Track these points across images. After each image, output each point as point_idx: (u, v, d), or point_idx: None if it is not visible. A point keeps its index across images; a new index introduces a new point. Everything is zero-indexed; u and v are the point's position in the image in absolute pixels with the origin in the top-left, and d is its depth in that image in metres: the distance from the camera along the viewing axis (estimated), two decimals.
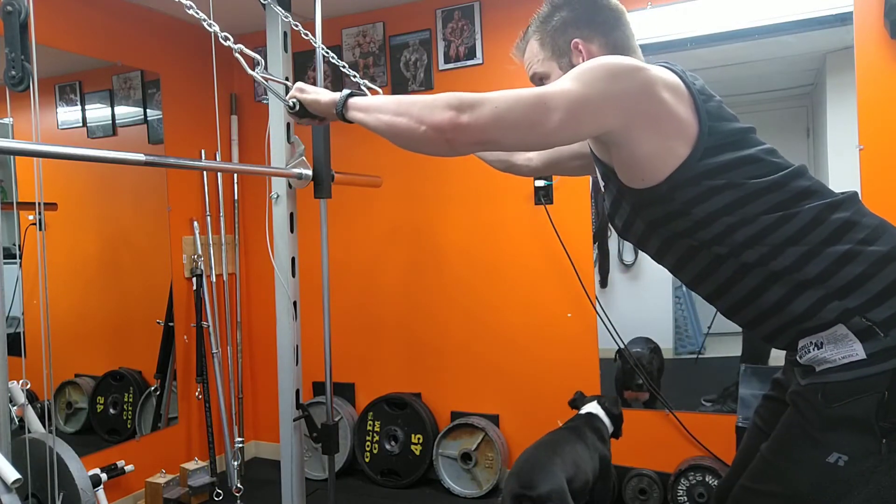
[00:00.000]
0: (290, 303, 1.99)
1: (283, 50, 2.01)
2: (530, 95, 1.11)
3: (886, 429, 1.07)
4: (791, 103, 3.60)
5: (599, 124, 1.13)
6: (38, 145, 1.30)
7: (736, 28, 2.65)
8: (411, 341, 3.33)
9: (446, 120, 1.11)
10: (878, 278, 1.09)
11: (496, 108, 1.10)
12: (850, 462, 1.09)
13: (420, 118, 1.14)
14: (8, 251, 2.57)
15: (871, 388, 1.07)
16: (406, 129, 1.17)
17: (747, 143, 1.18)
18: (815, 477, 1.12)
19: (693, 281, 1.27)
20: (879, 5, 2.37)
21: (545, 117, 1.09)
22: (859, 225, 1.14)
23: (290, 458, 1.99)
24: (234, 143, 3.59)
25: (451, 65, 3.15)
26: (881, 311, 1.08)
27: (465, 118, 1.10)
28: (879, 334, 1.07)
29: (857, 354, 1.08)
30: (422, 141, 1.16)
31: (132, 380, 3.22)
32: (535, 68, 1.38)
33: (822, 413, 1.11)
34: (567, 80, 1.12)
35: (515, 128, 1.11)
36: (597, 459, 2.11)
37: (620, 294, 3.50)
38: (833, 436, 1.10)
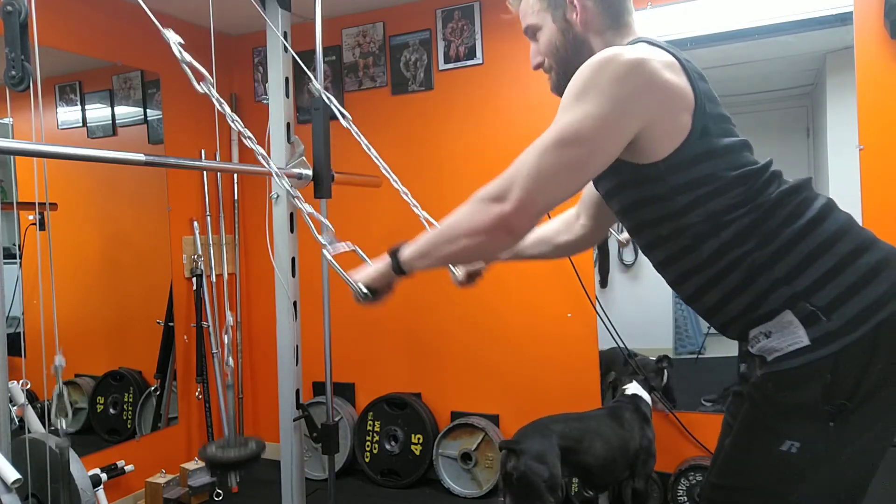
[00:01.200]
0: (290, 303, 1.99)
1: (283, 50, 2.01)
2: (549, 143, 1.09)
3: (833, 412, 1.07)
4: (791, 103, 3.60)
5: (626, 133, 1.11)
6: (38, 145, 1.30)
7: (736, 28, 2.65)
8: (411, 341, 3.33)
9: (495, 216, 1.11)
10: (821, 262, 1.10)
11: (527, 175, 1.09)
12: (802, 448, 1.09)
13: (472, 232, 1.14)
14: (8, 251, 2.57)
15: (817, 374, 1.07)
16: (470, 250, 1.17)
17: (730, 132, 1.18)
18: (771, 467, 1.13)
19: (660, 265, 1.28)
20: (879, 5, 2.37)
21: (576, 153, 1.09)
22: (809, 208, 1.14)
23: (290, 458, 1.99)
24: (234, 143, 3.59)
25: (451, 65, 3.15)
26: (824, 295, 1.08)
27: (508, 205, 1.10)
28: (822, 319, 1.07)
29: (802, 341, 1.08)
30: (490, 248, 1.17)
31: (132, 380, 3.22)
32: (529, 20, 1.33)
33: (773, 403, 1.12)
34: (573, 104, 1.10)
35: (555, 179, 1.10)
36: (637, 440, 2.26)
37: (620, 294, 3.50)
38: (785, 424, 1.11)
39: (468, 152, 3.14)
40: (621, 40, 1.24)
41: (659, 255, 1.26)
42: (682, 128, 1.13)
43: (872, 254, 1.11)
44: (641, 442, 2.29)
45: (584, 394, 2.89)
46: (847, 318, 1.07)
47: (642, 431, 2.31)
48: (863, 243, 1.13)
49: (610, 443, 2.25)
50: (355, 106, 3.37)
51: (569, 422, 2.27)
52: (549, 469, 2.10)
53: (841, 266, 1.09)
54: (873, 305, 1.07)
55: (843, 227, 1.14)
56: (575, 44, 1.27)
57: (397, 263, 1.29)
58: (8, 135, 2.68)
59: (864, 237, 1.14)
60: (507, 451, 2.17)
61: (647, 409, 2.32)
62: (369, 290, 1.35)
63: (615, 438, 2.26)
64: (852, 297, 1.07)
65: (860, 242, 1.13)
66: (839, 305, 1.07)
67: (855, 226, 1.16)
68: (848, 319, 1.07)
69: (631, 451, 2.28)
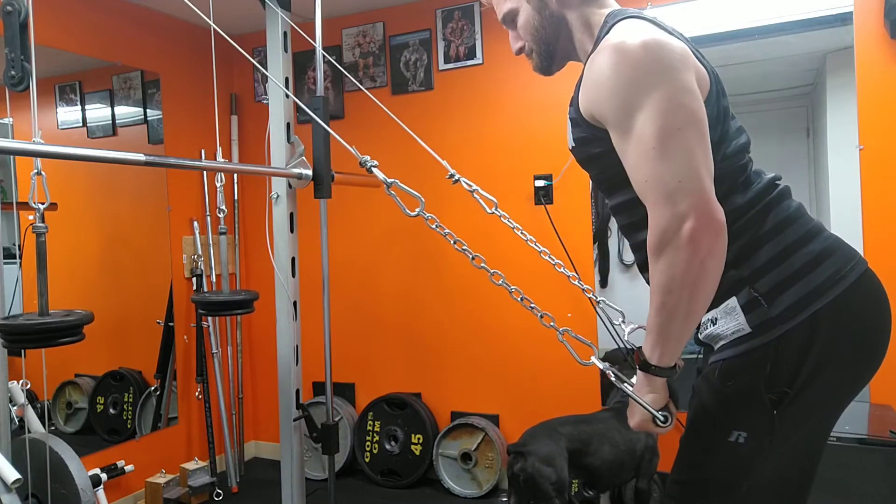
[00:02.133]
0: (290, 303, 1.99)
1: (283, 50, 2.01)
2: (655, 141, 1.01)
3: (775, 400, 1.08)
4: (791, 103, 3.61)
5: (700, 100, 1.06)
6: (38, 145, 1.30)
7: (736, 28, 2.65)
8: (411, 341, 3.33)
9: (686, 238, 0.98)
10: (766, 248, 1.10)
11: (681, 182, 0.99)
12: (749, 437, 1.10)
13: (686, 266, 0.99)
14: (8, 251, 2.56)
15: (758, 362, 1.08)
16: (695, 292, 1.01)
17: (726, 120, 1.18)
18: (720, 458, 1.13)
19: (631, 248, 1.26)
20: (879, 5, 2.37)
21: (685, 137, 1.01)
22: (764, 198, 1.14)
23: (290, 458, 1.99)
24: (234, 143, 3.59)
25: (451, 65, 3.15)
26: (767, 282, 1.09)
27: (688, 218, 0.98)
28: (763, 305, 1.08)
29: (744, 328, 1.09)
30: (709, 268, 1.00)
31: (132, 380, 3.22)
32: (504, 7, 1.32)
33: (719, 393, 1.12)
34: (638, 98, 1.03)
35: (691, 163, 1.00)
36: (643, 440, 2.26)
37: (620, 294, 3.50)
38: (731, 415, 1.11)
39: (468, 152, 3.14)
40: (597, 11, 1.23)
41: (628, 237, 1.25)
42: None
43: (817, 243, 1.12)
44: (647, 441, 2.29)
45: (584, 393, 2.89)
46: (786, 305, 1.07)
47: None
48: (809, 232, 1.13)
49: (617, 446, 2.24)
50: (355, 106, 3.38)
51: (577, 424, 2.26)
52: (557, 472, 2.10)
53: (785, 254, 1.10)
54: (812, 293, 1.07)
55: (791, 215, 1.14)
56: (552, 21, 1.27)
57: (657, 369, 1.10)
58: (8, 135, 2.68)
59: (812, 226, 1.15)
60: (515, 453, 2.17)
61: None
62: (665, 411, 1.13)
63: (622, 441, 2.25)
64: (793, 284, 1.08)
65: (807, 231, 1.13)
66: (780, 292, 1.08)
67: (804, 215, 1.16)
68: (787, 306, 1.07)
69: (637, 451, 2.28)
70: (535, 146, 2.98)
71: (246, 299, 2.08)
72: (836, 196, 3.00)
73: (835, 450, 1.96)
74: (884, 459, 1.92)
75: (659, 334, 1.06)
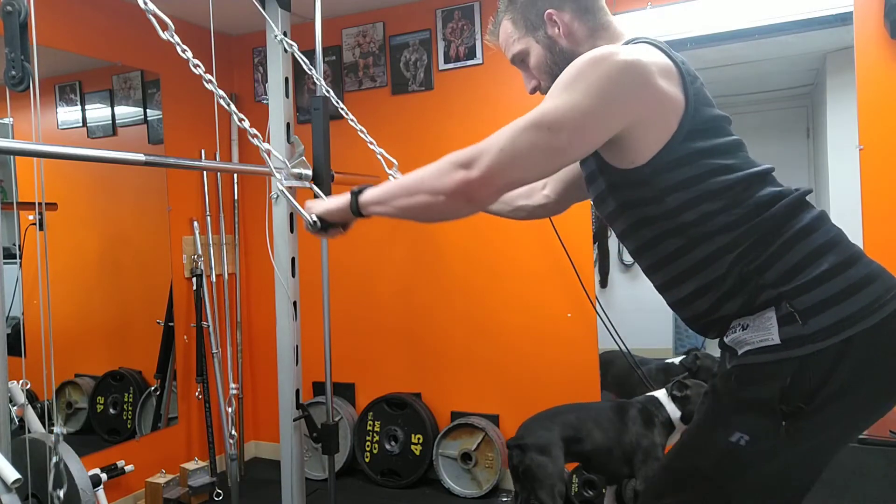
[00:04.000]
0: (290, 303, 1.99)
1: (283, 50, 2.01)
2: (529, 123, 1.09)
3: (787, 413, 1.08)
4: (791, 103, 3.61)
5: (608, 130, 1.12)
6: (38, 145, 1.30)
7: (736, 28, 2.65)
8: (411, 341, 3.33)
9: (459, 181, 1.11)
10: (808, 269, 1.11)
11: (501, 149, 1.09)
12: (751, 442, 1.11)
13: (434, 190, 1.14)
14: (8, 251, 2.57)
15: (779, 373, 1.09)
16: (427, 206, 1.17)
17: (723, 132, 1.19)
18: (716, 454, 1.15)
19: (649, 268, 1.28)
20: (879, 5, 2.37)
21: (552, 139, 1.08)
22: (800, 218, 1.15)
23: (290, 458, 1.99)
24: (234, 143, 3.59)
25: (451, 65, 3.15)
26: (806, 300, 1.09)
27: (475, 172, 1.10)
28: (798, 321, 1.09)
29: (773, 339, 1.10)
30: (445, 211, 1.16)
31: (132, 380, 3.22)
32: (513, 49, 1.35)
33: (733, 395, 1.14)
34: (561, 92, 1.10)
35: (528, 161, 1.10)
36: (632, 435, 2.31)
37: (620, 294, 3.51)
38: (739, 417, 1.13)
39: None
40: (609, 41, 1.26)
41: (650, 258, 1.26)
42: (664, 132, 1.13)
43: (860, 268, 1.12)
44: (640, 440, 2.30)
45: (584, 393, 2.89)
46: (821, 326, 1.08)
47: (643, 430, 2.31)
48: (851, 257, 1.14)
49: (607, 433, 2.33)
50: (355, 106, 3.37)
51: (569, 412, 2.38)
52: (553, 461, 2.23)
53: (827, 275, 1.10)
54: (849, 319, 1.08)
55: (833, 238, 1.15)
56: (563, 57, 1.28)
57: (356, 203, 1.30)
58: (8, 135, 2.68)
59: (854, 251, 1.15)
60: (513, 447, 2.29)
61: (658, 414, 2.33)
62: (321, 221, 1.38)
63: (613, 430, 2.34)
64: (831, 307, 1.09)
65: (849, 256, 1.14)
66: (817, 313, 1.09)
67: (845, 239, 1.17)
68: (822, 327, 1.08)
69: (628, 443, 2.32)
70: None
71: None
72: (836, 196, 3.00)
73: None
74: (884, 459, 1.92)
75: (385, 193, 1.25)
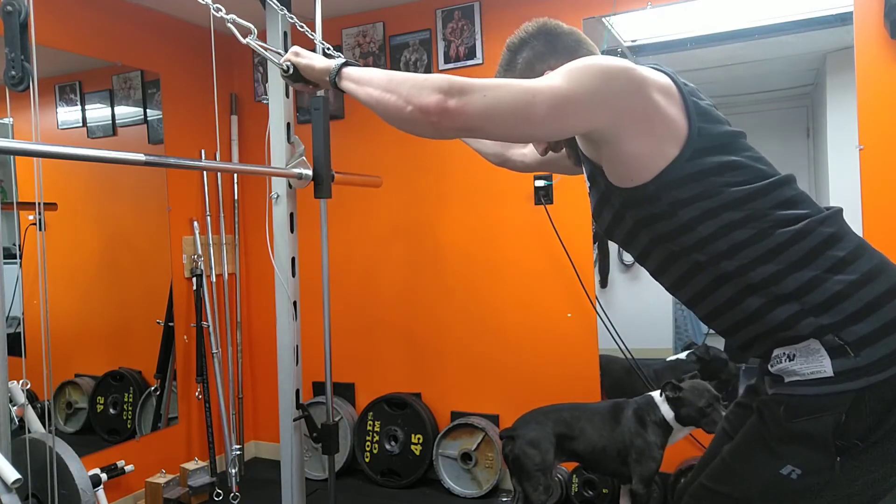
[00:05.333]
0: (290, 303, 1.99)
1: (284, 50, 2.01)
2: (519, 87, 1.09)
3: (842, 448, 1.06)
4: (791, 103, 3.60)
5: (586, 122, 1.12)
6: (38, 145, 1.30)
7: (736, 28, 2.65)
8: (411, 341, 3.33)
9: (433, 103, 1.09)
10: (854, 298, 1.08)
11: (485, 96, 1.08)
12: (803, 476, 1.09)
13: (408, 98, 1.12)
14: (8, 251, 2.57)
15: (833, 407, 1.06)
16: (393, 107, 1.15)
17: (736, 148, 1.17)
18: (766, 485, 1.13)
19: (673, 286, 1.26)
20: (879, 5, 2.37)
21: (531, 111, 1.08)
22: (841, 243, 1.12)
23: (290, 458, 1.99)
24: (234, 143, 3.59)
25: (451, 65, 3.15)
26: (854, 331, 1.06)
27: (452, 103, 1.08)
28: (850, 354, 1.05)
29: (826, 371, 1.07)
30: (408, 121, 1.14)
31: (132, 380, 3.22)
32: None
33: (782, 425, 1.11)
34: (558, 75, 1.11)
35: (501, 118, 1.09)
36: (625, 434, 2.34)
37: (620, 294, 3.50)
38: (790, 449, 1.10)
39: (468, 152, 3.14)
40: None
41: (672, 274, 1.24)
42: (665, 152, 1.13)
43: None
44: (633, 439, 2.31)
45: (584, 394, 2.89)
46: (876, 358, 1.05)
47: (637, 430, 2.32)
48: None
49: (601, 433, 2.37)
50: (356, 106, 3.37)
51: (564, 410, 2.45)
52: (542, 454, 2.32)
53: (875, 306, 1.07)
54: None
55: (878, 266, 1.12)
56: None
57: (338, 71, 1.30)
58: (8, 135, 2.68)
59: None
60: (506, 438, 2.41)
61: (651, 415, 2.33)
62: (295, 70, 1.39)
63: (606, 429, 2.37)
64: (884, 337, 1.06)
65: (894, 284, 1.10)
66: (869, 344, 1.05)
67: (890, 266, 1.13)
68: (878, 358, 1.05)
69: (622, 443, 2.33)
70: None
71: None
72: (836, 196, 3.00)
73: None
74: None
75: (364, 76, 1.25)
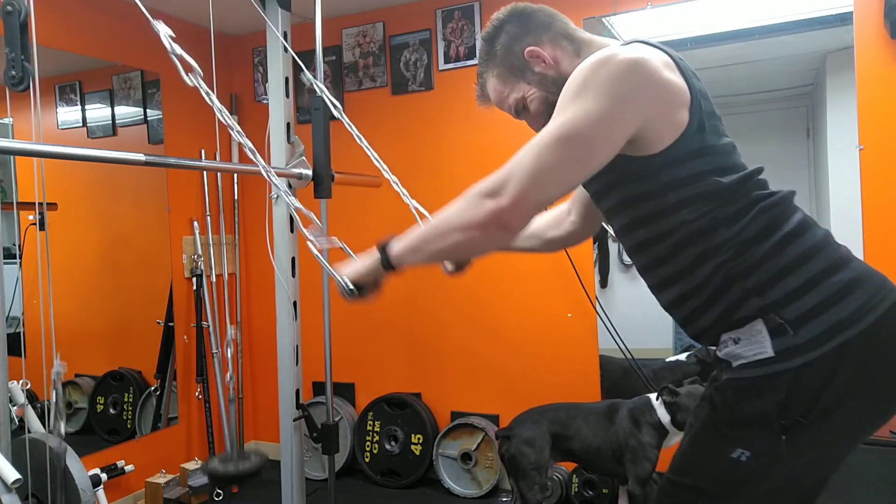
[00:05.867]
0: (290, 303, 1.99)
1: (283, 50, 2.01)
2: (549, 139, 1.08)
3: (786, 426, 1.08)
4: (791, 103, 3.61)
5: (628, 129, 1.11)
6: (38, 145, 1.30)
7: (736, 28, 2.65)
8: (411, 341, 3.33)
9: (490, 211, 1.09)
10: (796, 275, 1.10)
11: (525, 171, 1.08)
12: (752, 458, 1.11)
13: (466, 226, 1.12)
14: (8, 251, 2.57)
15: (775, 387, 1.08)
16: (462, 244, 1.15)
17: (721, 132, 1.19)
18: (719, 470, 1.15)
19: (644, 268, 1.27)
20: (879, 5, 2.37)
21: (575, 151, 1.08)
22: (787, 222, 1.14)
23: (290, 458, 1.99)
24: (234, 142, 3.59)
25: (451, 65, 3.15)
26: (794, 309, 1.08)
27: (504, 200, 1.08)
28: (789, 332, 1.08)
29: (767, 352, 1.09)
30: (482, 244, 1.14)
31: (132, 380, 3.22)
32: (509, 101, 1.34)
33: (730, 409, 1.13)
34: (572, 101, 1.09)
35: (554, 176, 1.09)
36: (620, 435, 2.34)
37: (620, 294, 3.50)
38: (738, 432, 1.12)
39: (468, 152, 3.14)
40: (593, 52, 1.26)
41: (643, 258, 1.26)
42: (679, 123, 1.13)
43: (845, 272, 1.11)
44: (628, 440, 2.31)
45: (584, 394, 2.89)
46: (814, 335, 1.07)
47: (631, 430, 2.32)
48: (837, 261, 1.12)
49: (596, 432, 2.38)
50: (355, 106, 3.37)
51: (561, 410, 2.48)
52: (536, 453, 2.35)
53: (813, 282, 1.09)
54: (841, 324, 1.07)
55: (819, 243, 1.14)
56: (557, 87, 1.26)
57: (386, 259, 1.27)
58: (8, 135, 2.68)
59: (840, 255, 1.14)
60: (502, 437, 2.45)
61: (647, 417, 2.33)
62: (356, 286, 1.33)
63: (601, 428, 2.38)
64: (821, 314, 1.07)
65: (834, 260, 1.12)
66: (807, 321, 1.08)
67: (832, 243, 1.16)
68: (814, 336, 1.07)
69: (617, 443, 2.34)
70: None
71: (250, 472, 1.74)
72: (836, 196, 3.00)
73: None
74: (884, 459, 1.92)
75: (416, 241, 1.22)
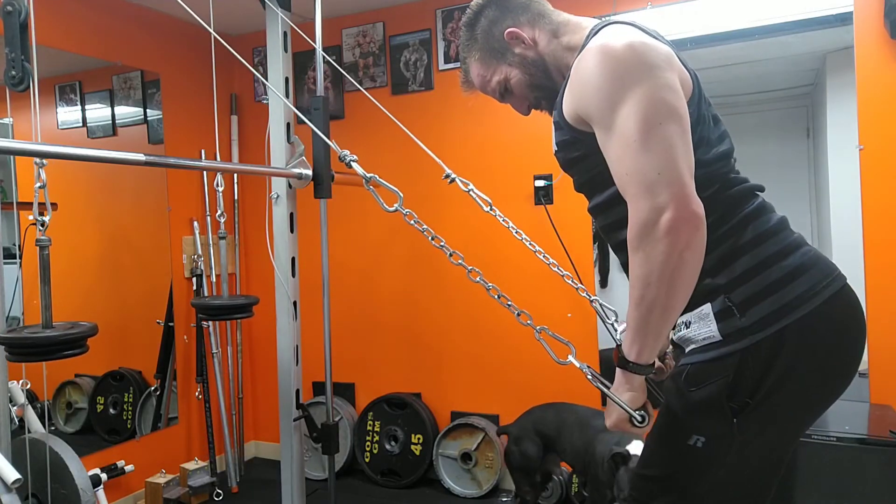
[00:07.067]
0: (290, 303, 1.99)
1: (283, 50, 2.01)
2: (637, 134, 1.02)
3: (736, 410, 1.09)
4: (791, 103, 3.61)
5: (682, 98, 1.08)
6: (38, 145, 1.30)
7: (736, 28, 2.65)
8: (411, 341, 3.33)
9: (667, 224, 0.98)
10: (745, 259, 1.12)
11: (650, 170, 1.00)
12: (707, 443, 1.12)
13: (662, 260, 0.99)
14: (8, 251, 2.57)
15: (722, 370, 1.09)
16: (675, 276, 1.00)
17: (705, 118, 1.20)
18: (679, 458, 1.16)
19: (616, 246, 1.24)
20: (879, 5, 2.37)
21: (665, 131, 1.02)
22: (744, 207, 1.15)
23: (290, 458, 1.99)
24: (234, 143, 3.59)
25: (451, 65, 3.15)
26: (741, 292, 1.10)
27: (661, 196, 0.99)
28: (736, 314, 1.09)
29: (715, 335, 1.11)
30: (691, 254, 1.00)
31: (132, 380, 3.22)
32: (492, 84, 1.34)
33: (683, 396, 1.14)
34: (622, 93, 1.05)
35: (674, 150, 1.01)
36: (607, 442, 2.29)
37: (620, 294, 3.49)
38: (693, 419, 1.14)
39: (468, 152, 3.14)
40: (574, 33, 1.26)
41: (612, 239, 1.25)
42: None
43: (795, 257, 1.13)
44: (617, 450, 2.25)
45: (584, 394, 2.89)
46: (758, 317, 1.09)
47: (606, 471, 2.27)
48: (788, 246, 1.14)
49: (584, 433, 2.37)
50: (355, 106, 3.38)
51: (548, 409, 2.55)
52: (521, 451, 2.47)
53: (762, 266, 1.11)
54: (785, 307, 1.08)
55: (772, 228, 1.15)
56: (538, 67, 1.29)
57: (635, 365, 1.09)
58: (8, 135, 2.68)
59: (791, 240, 1.15)
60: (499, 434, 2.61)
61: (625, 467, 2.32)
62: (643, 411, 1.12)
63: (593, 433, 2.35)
64: (767, 297, 1.09)
65: (786, 245, 1.14)
66: (754, 304, 1.09)
67: (785, 229, 1.17)
68: (758, 318, 1.09)
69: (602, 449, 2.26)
70: (535, 146, 2.98)
71: (245, 304, 2.08)
72: (836, 196, 3.00)
73: (835, 450, 1.96)
74: (884, 459, 1.92)
75: (637, 329, 1.05)
